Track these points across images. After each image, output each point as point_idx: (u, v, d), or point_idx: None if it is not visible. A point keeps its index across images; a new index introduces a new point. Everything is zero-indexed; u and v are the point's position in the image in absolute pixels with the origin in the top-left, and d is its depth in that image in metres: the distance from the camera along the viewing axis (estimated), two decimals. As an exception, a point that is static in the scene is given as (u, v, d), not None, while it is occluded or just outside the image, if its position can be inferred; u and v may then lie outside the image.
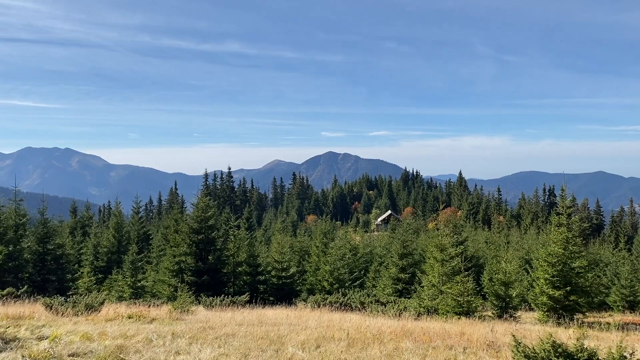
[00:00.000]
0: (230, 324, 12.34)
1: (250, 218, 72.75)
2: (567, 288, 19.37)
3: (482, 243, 48.06)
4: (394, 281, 27.49)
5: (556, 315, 19.05)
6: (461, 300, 18.64)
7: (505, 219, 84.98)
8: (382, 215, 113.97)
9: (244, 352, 9.00)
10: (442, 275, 21.44)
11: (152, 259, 37.89)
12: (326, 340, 10.44)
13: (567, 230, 20.29)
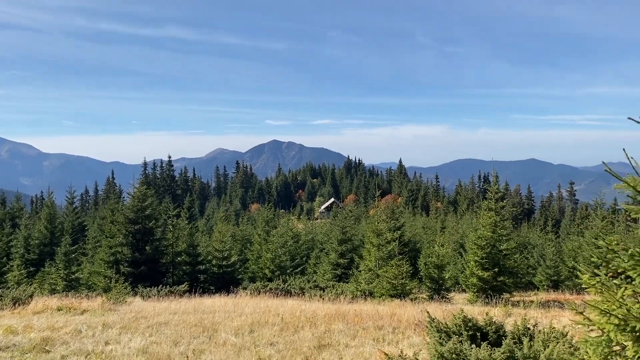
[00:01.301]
0: (164, 313, 12.26)
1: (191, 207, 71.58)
2: (496, 269, 20.37)
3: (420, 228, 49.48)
4: (333, 267, 27.96)
5: (485, 296, 20.01)
6: (396, 283, 19.25)
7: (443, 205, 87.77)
8: (325, 203, 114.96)
9: (175, 340, 9.01)
10: (378, 259, 22.03)
11: (87, 250, 36.70)
12: (260, 326, 10.59)
13: (495, 214, 21.29)
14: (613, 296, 3.43)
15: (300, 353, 8.11)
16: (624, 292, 3.41)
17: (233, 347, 8.58)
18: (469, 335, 5.47)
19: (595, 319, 3.65)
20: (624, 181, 3.47)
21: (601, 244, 3.62)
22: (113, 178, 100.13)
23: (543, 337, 5.59)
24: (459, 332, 5.54)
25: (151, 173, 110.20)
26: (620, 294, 3.39)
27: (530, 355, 4.75)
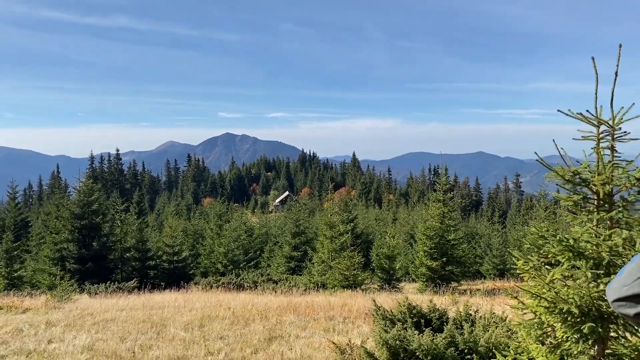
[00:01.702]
0: (111, 310, 11.98)
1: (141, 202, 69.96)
2: (444, 259, 20.94)
3: (373, 220, 50.19)
4: (287, 259, 28.00)
5: (434, 285, 20.54)
6: (348, 274, 19.48)
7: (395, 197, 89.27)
8: (280, 197, 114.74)
9: (122, 336, 8.83)
10: (331, 251, 22.24)
11: (31, 247, 35.33)
12: (211, 320, 10.51)
13: (443, 205, 21.85)
14: (543, 280, 3.61)
15: (250, 345, 8.12)
16: (553, 275, 3.58)
17: (182, 342, 8.49)
18: (414, 322, 5.62)
19: (528, 302, 3.82)
20: (554, 171, 3.65)
21: (532, 230, 3.80)
22: (58, 172, 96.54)
23: (484, 322, 5.81)
24: (404, 320, 5.68)
25: (98, 167, 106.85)
26: (549, 277, 3.57)
27: (470, 340, 4.93)
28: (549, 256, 3.73)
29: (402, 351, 4.86)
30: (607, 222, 3.62)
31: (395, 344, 4.85)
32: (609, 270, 3.43)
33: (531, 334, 3.91)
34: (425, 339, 4.84)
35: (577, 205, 3.69)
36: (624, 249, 3.43)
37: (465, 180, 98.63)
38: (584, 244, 3.51)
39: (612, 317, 3.50)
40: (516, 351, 4.12)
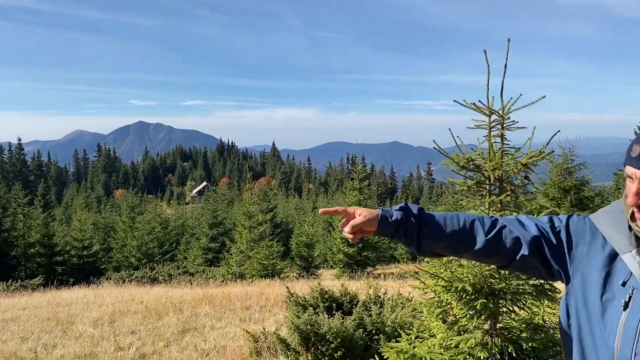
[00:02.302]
0: (12, 309, 11.25)
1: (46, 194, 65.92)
2: (360, 245, 21.51)
3: (293, 209, 50.51)
4: (204, 251, 27.54)
5: (350, 270, 21.05)
6: (267, 264, 19.52)
7: (315, 186, 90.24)
8: (197, 187, 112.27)
9: (24, 336, 8.33)
10: (250, 241, 22.16)
11: None
12: (122, 315, 10.16)
13: (360, 193, 22.43)
14: (440, 261, 3.83)
15: (163, 339, 7.95)
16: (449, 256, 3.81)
17: (91, 339, 8.15)
18: (326, 307, 5.76)
19: (429, 282, 4.03)
20: (450, 158, 3.87)
21: (432, 214, 4.01)
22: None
23: (392, 303, 6.06)
24: (316, 305, 5.80)
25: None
26: (445, 258, 3.78)
27: (377, 321, 5.14)
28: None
29: (313, 335, 4.97)
30: (498, 205, 3.89)
31: (307, 328, 4.95)
32: (499, 250, 3.71)
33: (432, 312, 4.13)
34: (335, 322, 4.98)
35: (471, 189, 3.94)
36: (511, 229, 3.71)
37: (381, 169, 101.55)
38: (477, 225, 3.75)
39: (501, 294, 3.78)
40: (419, 329, 4.34)
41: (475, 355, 3.81)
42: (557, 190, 15.51)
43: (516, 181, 3.88)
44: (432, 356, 3.78)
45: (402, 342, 4.21)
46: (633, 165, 1.30)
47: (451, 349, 3.90)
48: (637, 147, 1.27)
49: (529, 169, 3.78)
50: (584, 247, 1.51)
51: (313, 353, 5.02)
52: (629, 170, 1.33)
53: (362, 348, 4.96)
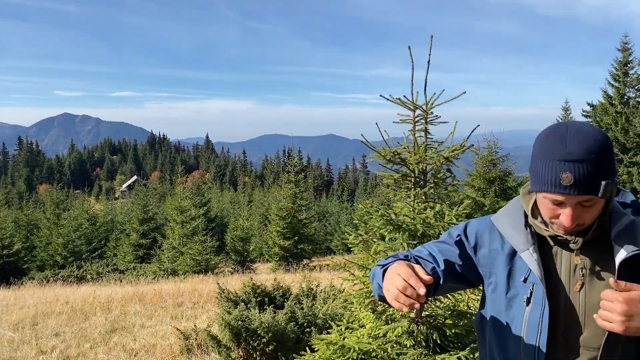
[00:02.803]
0: None
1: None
2: (296, 238, 21.60)
3: (228, 203, 49.82)
4: (135, 248, 26.70)
5: (287, 263, 21.10)
6: (200, 259, 19.20)
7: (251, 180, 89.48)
8: (127, 181, 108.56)
9: None
10: (182, 236, 21.71)
11: None
12: (45, 317, 9.67)
13: (295, 186, 22.47)
14: (368, 252, 3.90)
15: (89, 340, 7.64)
16: (377, 248, 3.89)
17: (10, 343, 7.70)
18: (258, 302, 5.74)
19: (358, 274, 4.09)
20: (377, 151, 3.94)
21: (359, 207, 4.07)
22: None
23: (324, 295, 6.12)
24: (248, 300, 5.77)
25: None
26: (373, 249, 3.86)
27: (309, 313, 5.18)
28: (374, 230, 4.04)
29: (244, 331, 4.94)
30: (423, 197, 4.01)
31: (237, 324, 4.91)
32: (423, 240, 3.81)
33: (360, 302, 4.20)
34: (267, 316, 4.97)
35: (397, 182, 4.04)
36: (435, 220, 3.84)
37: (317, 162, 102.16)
38: (403, 217, 3.85)
39: (426, 282, 3.89)
40: (349, 320, 4.40)
41: (402, 344, 3.92)
42: (483, 181, 16.20)
43: (439, 174, 4.01)
44: (361, 346, 3.85)
45: (332, 334, 4.26)
46: (564, 192, 1.31)
47: (379, 338, 3.99)
48: (567, 176, 1.29)
49: (451, 162, 3.91)
50: (485, 249, 1.58)
51: (244, 348, 5.00)
52: (559, 197, 1.34)
53: (294, 341, 4.99)
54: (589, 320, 1.40)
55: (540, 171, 1.34)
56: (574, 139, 1.31)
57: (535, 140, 1.41)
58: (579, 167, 1.28)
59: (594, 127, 1.38)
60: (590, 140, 1.30)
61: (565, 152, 1.29)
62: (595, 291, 1.40)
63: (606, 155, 1.32)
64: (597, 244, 1.45)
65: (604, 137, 1.34)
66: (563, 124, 1.38)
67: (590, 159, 1.29)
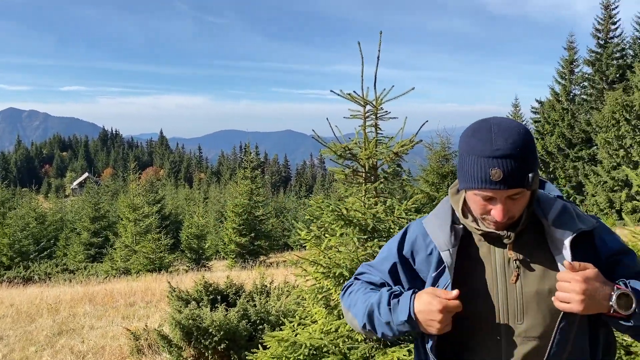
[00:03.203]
0: None
1: None
2: (252, 234, 21.43)
3: (183, 200, 49.02)
4: (86, 247, 25.87)
5: (243, 260, 20.92)
6: (154, 257, 18.82)
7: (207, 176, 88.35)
8: (78, 179, 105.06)
9: None
10: (135, 234, 21.21)
11: None
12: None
13: (251, 182, 22.28)
14: (319, 248, 3.90)
15: (34, 343, 7.35)
16: (328, 243, 3.88)
17: (-52, 350, 7.33)
18: (210, 300, 5.65)
19: (310, 270, 4.08)
20: (328, 147, 3.93)
21: (311, 202, 4.06)
22: None
23: (278, 292, 6.09)
24: (200, 298, 5.68)
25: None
26: (324, 245, 3.86)
27: (262, 310, 5.14)
28: (325, 225, 4.04)
29: (195, 329, 4.85)
30: (373, 192, 4.03)
31: (188, 323, 4.82)
32: (374, 235, 3.84)
33: (313, 297, 4.20)
34: (218, 314, 4.91)
35: (348, 178, 4.04)
36: (385, 215, 3.86)
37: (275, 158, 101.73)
38: (354, 212, 3.86)
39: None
40: (301, 316, 4.39)
41: (353, 338, 3.93)
42: (436, 175, 16.51)
43: (389, 169, 4.05)
44: (313, 342, 3.84)
45: (285, 330, 4.24)
46: (495, 188, 1.33)
47: (331, 333, 3.99)
48: (496, 171, 1.31)
49: (401, 157, 3.95)
50: (422, 254, 1.58)
51: (196, 347, 4.91)
52: (490, 193, 1.36)
53: (247, 339, 4.94)
54: (527, 310, 1.42)
55: (469, 169, 1.36)
56: (499, 135, 1.33)
57: (461, 138, 1.43)
58: (507, 162, 1.31)
59: (516, 122, 1.40)
60: (514, 135, 1.33)
61: (493, 149, 1.32)
62: (530, 281, 1.43)
63: (530, 148, 1.35)
64: (527, 235, 1.48)
65: (525, 130, 1.37)
66: (486, 120, 1.40)
67: (517, 154, 1.31)
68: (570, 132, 32.72)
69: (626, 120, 27.70)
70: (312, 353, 3.81)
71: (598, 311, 1.32)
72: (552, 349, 1.40)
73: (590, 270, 1.32)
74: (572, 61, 34.00)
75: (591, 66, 32.88)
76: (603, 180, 28.93)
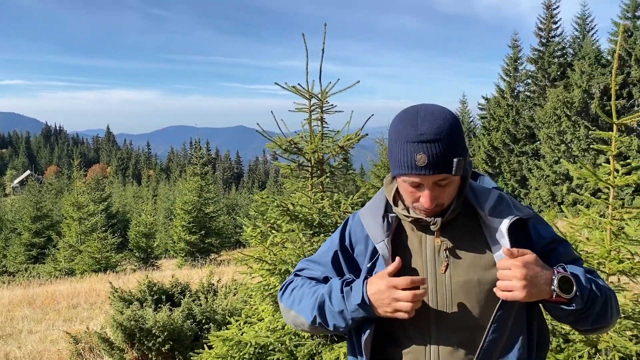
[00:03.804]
0: None
1: None
2: (202, 232, 21.06)
3: (131, 198, 47.81)
4: (27, 247, 24.75)
5: (193, 258, 20.53)
6: (100, 257, 18.21)
7: (156, 173, 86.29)
8: (19, 177, 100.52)
9: None
10: (80, 234, 20.49)
11: None
12: None
13: (201, 179, 21.87)
14: (264, 244, 3.81)
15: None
16: (274, 239, 3.81)
17: None
18: (154, 300, 5.47)
19: (255, 267, 3.99)
20: (273, 141, 3.86)
21: (256, 198, 3.97)
22: None
23: (225, 290, 5.96)
24: (144, 298, 5.49)
25: None
26: (269, 241, 3.78)
27: (207, 309, 5.01)
28: (271, 221, 3.95)
29: (137, 331, 4.68)
30: (320, 187, 3.98)
31: (130, 324, 4.64)
32: (320, 230, 3.79)
33: (259, 295, 4.11)
34: (162, 315, 4.75)
35: (294, 172, 3.98)
36: (331, 209, 3.82)
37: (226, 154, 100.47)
38: (300, 207, 3.80)
39: (324, 272, 3.87)
40: (247, 314, 4.30)
41: (300, 335, 3.88)
42: (387, 170, 16.70)
43: (335, 163, 4.00)
44: (259, 340, 3.76)
45: (231, 329, 4.14)
46: (420, 173, 1.31)
47: (278, 330, 3.92)
48: (421, 156, 1.29)
49: (347, 151, 3.91)
50: (361, 246, 1.55)
51: (139, 349, 4.74)
52: (416, 179, 1.34)
53: (192, 339, 4.80)
54: (456, 300, 1.40)
55: (397, 155, 1.35)
56: (424, 120, 1.32)
57: (390, 126, 1.41)
58: (432, 147, 1.29)
59: (443, 108, 1.38)
60: (439, 120, 1.32)
61: (418, 134, 1.30)
62: (460, 270, 1.41)
63: (456, 133, 1.33)
64: (461, 225, 1.46)
65: (452, 116, 1.36)
66: (414, 107, 1.39)
67: (442, 138, 1.30)
68: (515, 127, 33.84)
69: (567, 116, 28.89)
70: (257, 352, 3.73)
71: (540, 297, 1.31)
72: (487, 341, 1.38)
73: (529, 255, 1.31)
74: (517, 59, 35.16)
75: (534, 64, 34.08)
76: (546, 174, 30.10)
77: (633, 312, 3.59)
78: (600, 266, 3.49)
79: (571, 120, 28.76)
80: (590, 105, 28.49)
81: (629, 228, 3.44)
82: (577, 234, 3.75)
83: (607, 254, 3.43)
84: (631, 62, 27.98)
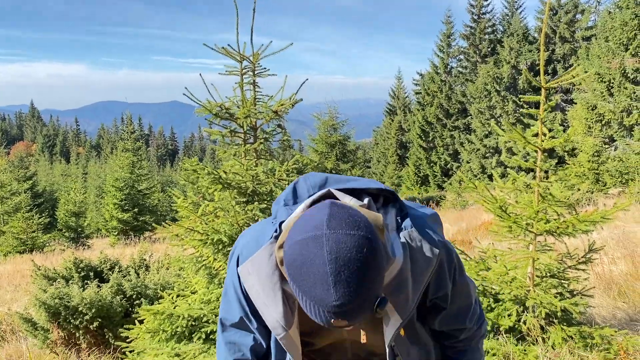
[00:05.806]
0: None
1: None
2: (136, 210, 20.40)
3: (59, 176, 45.66)
4: (-58, 230, 23.16)
5: (126, 237, 19.88)
6: (25, 238, 17.28)
7: (85, 150, 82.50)
8: None
9: None
10: (2, 214, 19.37)
11: None
12: None
13: (133, 155, 21.09)
14: (195, 214, 3.67)
15: None
16: (205, 209, 3.67)
17: None
18: (81, 277, 5.20)
19: (186, 239, 3.84)
20: (203, 105, 3.68)
21: (186, 166, 3.80)
22: None
23: (158, 265, 5.77)
24: (70, 276, 5.21)
25: None
26: (200, 211, 3.64)
27: (138, 284, 4.82)
28: (202, 191, 3.81)
29: (63, 309, 4.43)
30: (254, 154, 3.86)
31: (54, 302, 4.38)
32: (254, 198, 3.69)
33: (192, 267, 3.99)
34: (89, 292, 4.51)
35: (225, 138, 3.83)
36: (265, 177, 3.72)
37: (160, 130, 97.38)
38: (232, 175, 3.67)
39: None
40: (180, 287, 4.17)
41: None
42: (325, 145, 16.70)
43: (268, 129, 3.89)
44: (191, 312, 3.64)
45: (163, 303, 3.99)
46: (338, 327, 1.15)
47: (212, 302, 3.82)
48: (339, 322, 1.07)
49: (281, 117, 3.80)
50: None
51: (65, 328, 4.49)
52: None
53: (122, 315, 4.61)
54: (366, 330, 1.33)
55: (307, 308, 1.08)
56: (338, 278, 1.01)
57: (288, 263, 1.08)
58: (351, 313, 1.05)
59: (355, 238, 1.04)
60: (355, 273, 1.02)
61: (332, 301, 1.02)
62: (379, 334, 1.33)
63: (374, 279, 1.07)
64: None
65: (368, 249, 1.04)
66: (319, 245, 1.03)
67: (362, 299, 1.05)
68: (448, 102, 34.72)
69: (496, 92, 29.92)
70: (190, 324, 3.62)
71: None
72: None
73: None
74: (450, 35, 35.86)
75: (466, 40, 34.90)
76: (476, 148, 31.18)
77: (558, 270, 3.74)
78: (529, 227, 3.60)
79: (500, 95, 29.82)
80: (518, 80, 29.64)
81: (555, 189, 3.56)
82: (507, 197, 3.85)
83: (535, 214, 3.54)
84: (556, 40, 29.25)
